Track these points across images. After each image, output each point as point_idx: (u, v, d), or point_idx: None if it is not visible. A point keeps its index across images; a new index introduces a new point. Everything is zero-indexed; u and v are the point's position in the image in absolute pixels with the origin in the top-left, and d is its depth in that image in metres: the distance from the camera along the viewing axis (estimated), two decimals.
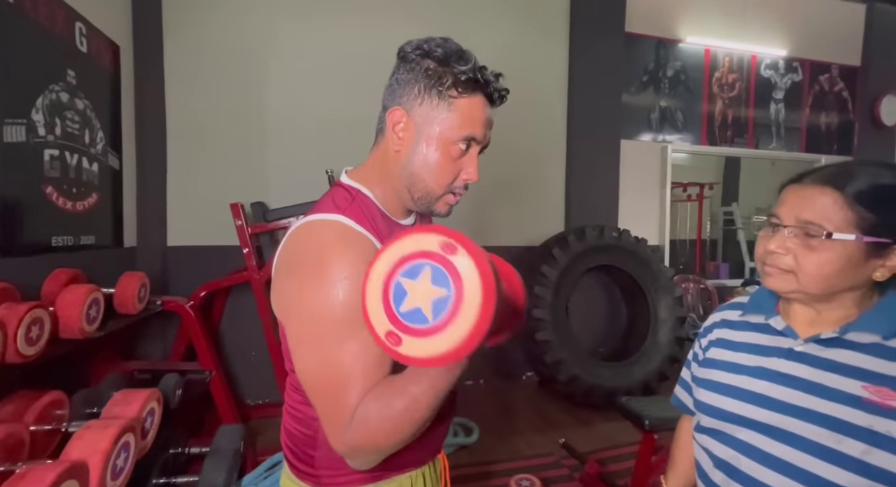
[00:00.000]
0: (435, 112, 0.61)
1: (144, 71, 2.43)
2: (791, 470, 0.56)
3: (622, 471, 1.91)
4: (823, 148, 3.90)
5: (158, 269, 2.45)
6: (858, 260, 0.56)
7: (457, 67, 0.60)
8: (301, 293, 0.56)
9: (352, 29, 2.75)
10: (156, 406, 1.21)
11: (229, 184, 2.59)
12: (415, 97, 0.61)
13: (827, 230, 0.55)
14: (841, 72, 3.89)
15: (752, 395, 0.63)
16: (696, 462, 0.72)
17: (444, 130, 0.61)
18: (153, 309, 1.75)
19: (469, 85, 0.60)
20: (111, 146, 2.17)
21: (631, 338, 3.04)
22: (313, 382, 0.56)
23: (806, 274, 0.57)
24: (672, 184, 3.47)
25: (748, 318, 0.71)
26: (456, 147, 0.61)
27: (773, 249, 0.59)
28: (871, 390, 0.53)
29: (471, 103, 0.61)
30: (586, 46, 3.14)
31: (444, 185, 0.64)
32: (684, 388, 0.81)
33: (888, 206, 0.55)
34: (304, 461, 0.67)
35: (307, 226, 0.60)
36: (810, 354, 0.60)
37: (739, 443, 0.63)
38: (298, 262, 0.58)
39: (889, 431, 0.51)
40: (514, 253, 3.12)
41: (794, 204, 0.59)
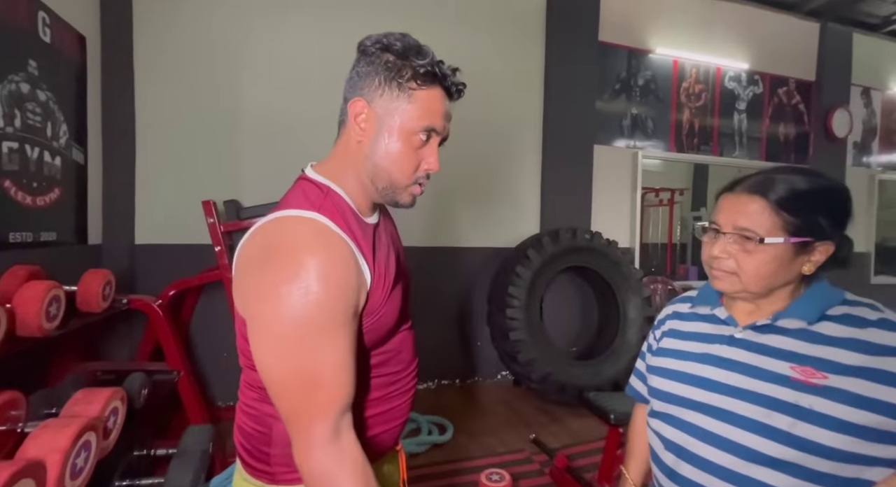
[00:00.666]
0: (395, 103, 0.62)
1: (112, 63, 2.36)
2: (730, 446, 0.62)
3: (590, 465, 1.97)
4: (782, 157, 4.13)
5: (125, 268, 2.37)
6: (789, 259, 0.62)
7: (415, 61, 0.61)
8: (270, 291, 0.55)
9: (328, 27, 2.75)
10: (119, 406, 1.18)
11: (201, 181, 2.54)
12: (375, 89, 0.62)
13: (759, 236, 0.61)
14: (797, 85, 4.13)
15: (698, 379, 0.68)
16: (649, 446, 0.77)
17: (405, 121, 0.62)
18: (119, 307, 1.70)
19: (428, 77, 0.62)
20: (76, 140, 2.10)
21: (602, 337, 3.13)
22: (282, 382, 0.56)
23: (747, 274, 0.63)
24: (644, 189, 3.60)
25: (696, 310, 0.77)
26: (416, 137, 0.63)
27: (717, 254, 0.65)
28: (798, 369, 0.59)
29: (430, 95, 0.62)
30: (562, 54, 3.24)
31: (407, 175, 0.64)
32: (639, 378, 0.86)
33: (806, 210, 0.61)
34: (258, 459, 0.66)
35: (281, 221, 0.58)
36: (748, 340, 0.66)
37: (687, 425, 0.68)
38: (272, 259, 0.56)
39: (812, 405, 0.56)
40: (491, 253, 3.17)
41: (730, 212, 0.65)
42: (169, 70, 2.49)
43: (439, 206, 3.09)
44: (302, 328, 0.54)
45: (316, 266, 0.54)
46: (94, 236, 2.28)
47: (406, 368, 0.74)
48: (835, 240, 0.62)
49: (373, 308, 0.63)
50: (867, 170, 4.52)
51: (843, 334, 0.59)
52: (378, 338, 0.67)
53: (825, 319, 0.61)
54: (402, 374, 0.73)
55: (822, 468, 0.55)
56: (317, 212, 0.58)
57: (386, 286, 0.64)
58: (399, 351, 0.72)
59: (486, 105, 3.13)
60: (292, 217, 0.58)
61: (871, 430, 0.53)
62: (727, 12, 3.81)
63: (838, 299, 0.63)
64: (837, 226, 0.62)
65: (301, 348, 0.55)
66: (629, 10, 3.49)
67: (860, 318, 0.60)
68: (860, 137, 4.45)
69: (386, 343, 0.69)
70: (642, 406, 0.87)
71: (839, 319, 0.61)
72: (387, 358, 0.70)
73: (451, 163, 3.46)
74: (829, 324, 0.61)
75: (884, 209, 4.72)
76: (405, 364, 0.74)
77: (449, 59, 0.66)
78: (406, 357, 0.74)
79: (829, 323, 0.61)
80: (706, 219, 0.71)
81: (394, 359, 0.71)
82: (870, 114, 4.49)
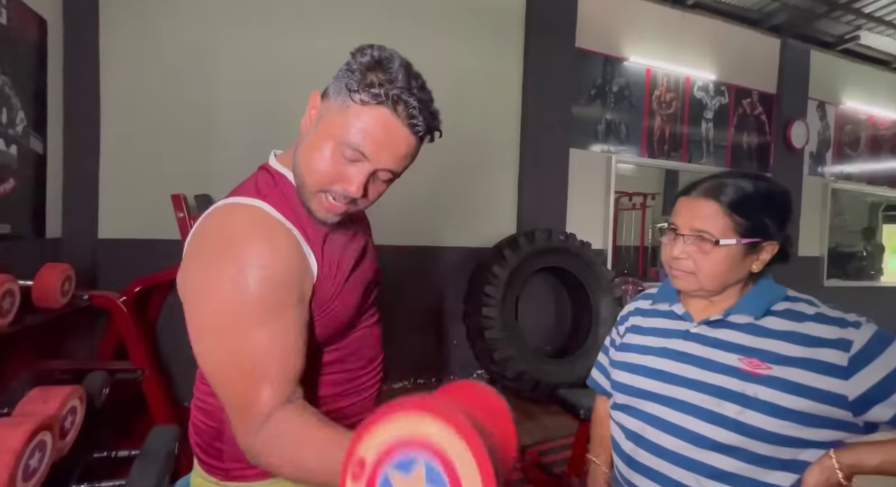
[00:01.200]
0: (335, 106, 0.58)
1: (76, 49, 2.26)
2: (683, 433, 0.65)
3: (562, 460, 2.02)
4: (745, 164, 4.34)
5: (87, 263, 2.27)
6: (740, 258, 0.66)
7: (375, 75, 0.55)
8: (205, 278, 0.54)
9: (303, 22, 2.71)
10: (78, 405, 1.14)
11: (172, 175, 2.45)
12: (333, 87, 0.60)
13: (715, 238, 0.65)
14: (760, 97, 4.35)
15: (656, 372, 0.72)
16: (611, 436, 0.80)
17: (334, 127, 0.57)
18: (79, 303, 1.63)
19: (377, 97, 0.55)
20: (34, 128, 2.00)
21: (575, 336, 3.21)
22: (218, 371, 0.55)
23: (704, 274, 0.67)
24: (618, 193, 3.70)
25: (657, 307, 0.81)
26: (338, 151, 0.56)
27: (676, 255, 0.69)
28: (745, 361, 0.64)
29: (373, 115, 0.55)
30: (540, 59, 3.30)
31: (316, 182, 0.58)
32: (601, 371, 0.89)
33: (754, 212, 0.66)
34: (211, 455, 0.65)
35: (222, 209, 0.58)
36: (702, 334, 0.70)
37: (645, 415, 0.71)
38: (207, 246, 0.56)
39: (756, 394, 0.61)
40: (468, 253, 3.20)
41: (687, 215, 0.69)
42: (138, 58, 2.40)
43: (418, 205, 3.09)
44: (234, 316, 0.53)
45: (250, 253, 0.53)
46: (53, 229, 2.17)
47: (367, 365, 0.73)
48: (779, 239, 0.67)
49: (322, 300, 0.61)
50: (821, 179, 4.81)
51: (785, 327, 0.64)
52: (332, 333, 0.65)
53: (770, 314, 0.66)
54: (363, 371, 0.72)
55: (763, 451, 0.59)
56: (260, 200, 0.58)
57: (338, 278, 0.63)
58: (358, 347, 0.71)
59: (466, 107, 3.16)
60: (233, 205, 0.58)
61: (807, 415, 0.58)
62: (697, 25, 3.97)
63: (781, 295, 0.68)
64: (781, 226, 0.67)
65: (235, 336, 0.53)
66: (605, 19, 3.59)
67: (799, 313, 0.65)
68: (816, 148, 4.73)
69: (342, 339, 0.68)
70: (603, 399, 0.91)
71: (781, 314, 0.65)
72: (344, 355, 0.69)
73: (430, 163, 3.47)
74: (773, 319, 0.66)
75: (836, 216, 5.03)
76: (366, 361, 0.73)
77: (429, 63, 0.65)
78: (367, 353, 0.73)
79: (773, 317, 0.66)
80: (659, 234, 0.75)
81: (353, 356, 0.70)
82: (824, 126, 4.78)
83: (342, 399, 0.70)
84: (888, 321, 5.03)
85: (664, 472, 0.66)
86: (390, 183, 0.63)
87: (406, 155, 0.60)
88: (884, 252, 5.59)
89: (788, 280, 0.67)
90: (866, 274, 5.41)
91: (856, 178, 5.05)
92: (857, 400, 0.57)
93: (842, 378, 0.57)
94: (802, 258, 4.60)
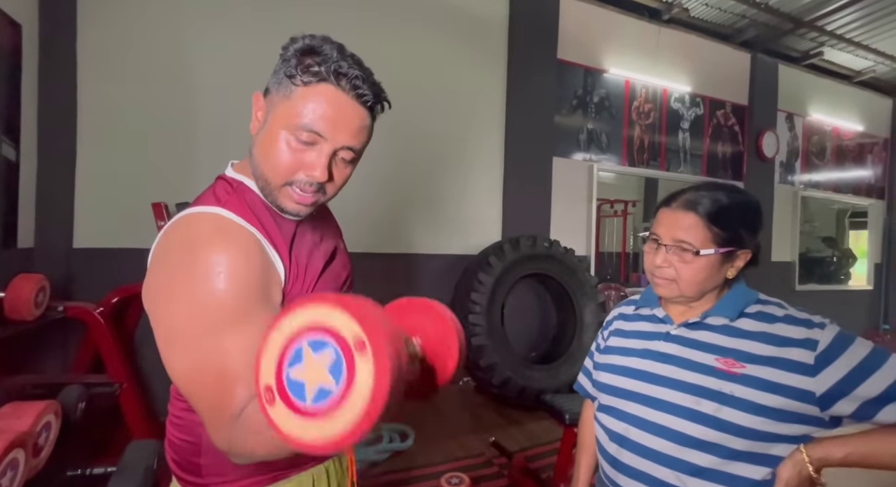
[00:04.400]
0: (279, 97, 0.57)
1: (52, 55, 2.21)
2: (665, 432, 0.68)
3: (548, 466, 2.03)
4: (720, 173, 4.50)
5: (61, 273, 2.19)
6: (718, 266, 0.70)
7: (310, 58, 0.56)
8: (170, 287, 0.54)
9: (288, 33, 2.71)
10: (53, 420, 1.10)
11: (151, 182, 2.40)
12: (272, 82, 0.59)
13: (696, 248, 0.69)
14: (733, 109, 4.53)
15: (638, 373, 0.75)
16: (596, 438, 0.82)
17: (283, 116, 0.56)
18: (53, 315, 1.57)
19: (317, 74, 0.55)
20: (7, 134, 1.94)
21: (559, 342, 3.25)
22: (189, 378, 0.54)
23: (684, 281, 0.71)
24: (600, 200, 3.78)
25: (640, 311, 0.84)
26: (293, 137, 0.56)
27: (659, 264, 0.73)
28: (721, 361, 0.67)
29: (318, 93, 0.55)
30: (523, 70, 3.38)
31: (279, 174, 0.58)
32: (586, 375, 0.92)
33: (730, 223, 0.70)
34: (190, 471, 0.64)
35: (183, 219, 0.57)
36: (681, 336, 0.73)
37: (629, 416, 0.74)
38: (170, 257, 0.55)
39: (732, 392, 0.64)
40: (453, 260, 3.22)
41: (668, 225, 0.72)
42: (117, 64, 2.35)
43: (404, 214, 3.10)
44: (201, 322, 0.52)
45: (213, 260, 0.53)
46: (24, 239, 2.09)
47: None
48: (752, 247, 0.71)
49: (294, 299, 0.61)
50: (791, 187, 5.02)
51: (757, 328, 0.67)
52: None
53: (743, 316, 0.70)
54: None
55: (739, 446, 0.62)
56: (220, 207, 0.57)
57: (307, 282, 0.62)
58: None
59: (451, 117, 3.20)
60: (193, 214, 0.57)
61: (779, 411, 0.61)
62: (673, 39, 4.13)
63: (753, 298, 0.71)
64: (754, 235, 0.72)
65: (203, 342, 0.53)
66: (585, 32, 3.71)
67: (770, 315, 0.68)
68: (785, 158, 4.95)
69: None
70: (589, 403, 0.93)
71: (754, 316, 0.69)
72: None
73: (416, 171, 3.50)
74: (746, 320, 0.69)
75: (805, 223, 5.25)
76: None
77: (414, 72, 0.68)
78: None
79: (746, 319, 0.69)
80: (640, 242, 0.79)
81: None
82: (793, 137, 5.00)
83: None
84: (855, 322, 5.24)
85: (647, 471, 0.69)
86: (354, 164, 0.62)
87: (360, 128, 0.59)
88: (851, 256, 5.84)
89: (763, 285, 0.71)
90: (836, 278, 5.64)
91: (823, 187, 5.29)
92: (823, 396, 0.60)
93: (809, 375, 0.61)
94: (775, 263, 4.78)
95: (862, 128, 5.48)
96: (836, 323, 0.65)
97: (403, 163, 2.97)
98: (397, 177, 2.94)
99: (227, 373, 0.52)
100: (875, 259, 5.76)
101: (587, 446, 0.93)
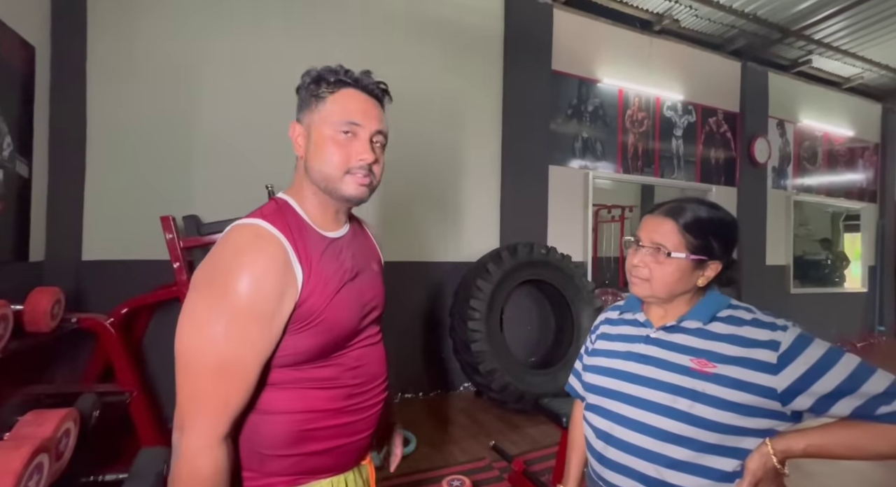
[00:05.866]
0: (315, 113, 0.72)
1: (63, 75, 2.29)
2: (645, 429, 0.74)
3: (547, 469, 2.08)
4: (713, 179, 4.59)
5: (71, 285, 2.26)
6: (688, 272, 0.77)
7: (327, 77, 0.72)
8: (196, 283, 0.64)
9: (291, 49, 2.80)
10: (72, 427, 1.16)
11: (159, 196, 2.47)
12: (302, 110, 0.74)
13: (668, 250, 0.75)
14: (725, 116, 4.63)
15: (621, 373, 0.81)
16: (584, 436, 0.88)
17: (325, 123, 0.71)
18: (68, 327, 1.63)
19: (337, 84, 0.72)
20: (20, 152, 2.01)
21: (557, 347, 3.30)
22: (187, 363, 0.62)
23: (656, 281, 0.77)
24: (596, 205, 3.85)
25: (623, 316, 0.90)
26: (339, 134, 0.70)
27: (636, 263, 0.80)
28: (695, 361, 0.73)
29: (343, 96, 0.71)
30: (518, 80, 3.47)
31: (337, 166, 0.70)
32: (576, 376, 0.98)
33: (704, 234, 0.77)
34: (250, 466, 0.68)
35: (232, 227, 0.68)
36: (660, 339, 0.80)
37: (613, 415, 0.80)
38: (208, 258, 0.65)
39: (705, 390, 0.70)
40: (453, 267, 3.28)
41: (648, 230, 0.80)
42: (125, 82, 2.44)
43: (404, 222, 3.17)
44: (212, 316, 0.61)
45: (239, 263, 0.62)
46: (36, 253, 2.16)
47: (369, 382, 0.76)
48: (723, 261, 0.78)
49: (312, 309, 0.66)
50: (784, 192, 5.10)
51: (727, 331, 0.74)
52: (326, 346, 0.69)
53: (715, 320, 0.76)
54: (365, 388, 0.75)
55: (711, 440, 0.68)
56: (261, 220, 0.67)
57: (327, 291, 0.68)
58: (359, 365, 0.74)
59: (449, 126, 3.29)
60: (237, 224, 0.68)
61: (746, 407, 0.68)
62: (664, 49, 4.24)
63: (725, 303, 0.78)
64: (725, 250, 0.78)
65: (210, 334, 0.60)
66: (579, 43, 3.81)
67: (739, 319, 0.75)
68: (777, 163, 5.03)
69: (339, 354, 0.72)
70: (580, 404, 0.99)
71: (725, 320, 0.76)
72: (341, 372, 0.72)
73: (415, 181, 3.57)
74: (718, 324, 0.76)
75: (800, 226, 5.32)
76: (368, 378, 0.76)
77: (412, 83, 0.78)
78: (369, 371, 0.76)
79: (718, 322, 0.76)
80: (626, 244, 0.86)
81: (350, 373, 0.73)
82: (784, 143, 5.09)
83: (341, 416, 0.72)
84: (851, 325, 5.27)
85: (630, 466, 0.75)
86: (384, 150, 0.77)
87: (380, 115, 0.75)
88: (845, 259, 5.90)
89: (758, 288, 0.77)
90: (830, 280, 5.70)
91: (815, 191, 5.38)
92: (784, 392, 0.67)
93: (772, 373, 0.67)
94: (770, 267, 4.84)
95: (852, 133, 5.58)
96: (799, 325, 0.71)
97: (402, 174, 3.05)
98: (396, 187, 3.02)
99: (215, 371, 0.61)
100: (869, 261, 5.83)
101: (577, 444, 0.98)
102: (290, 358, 0.67)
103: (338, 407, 0.71)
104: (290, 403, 0.68)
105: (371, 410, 0.77)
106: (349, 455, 0.75)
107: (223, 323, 0.60)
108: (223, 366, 0.61)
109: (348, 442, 0.73)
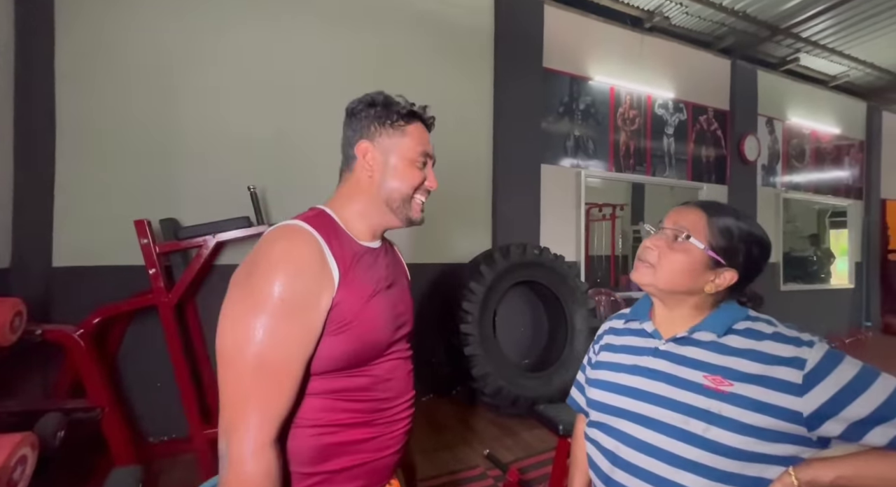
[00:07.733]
0: (393, 140, 0.78)
1: (29, 68, 2.16)
2: (656, 452, 0.67)
3: (542, 477, 2.02)
4: (704, 177, 4.58)
5: (40, 294, 2.13)
6: (699, 268, 0.71)
7: (396, 106, 0.79)
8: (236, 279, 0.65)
9: (273, 48, 2.70)
10: (29, 453, 1.06)
11: (135, 199, 2.35)
12: (373, 133, 0.78)
13: (688, 232, 0.71)
14: (715, 114, 4.63)
15: (628, 389, 0.74)
16: (588, 455, 0.81)
17: (406, 151, 0.78)
18: (31, 340, 1.52)
19: (409, 116, 0.80)
20: None
21: (551, 349, 3.25)
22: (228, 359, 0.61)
23: (662, 267, 0.72)
24: (588, 204, 3.81)
25: (629, 325, 0.84)
26: (416, 163, 0.79)
27: (647, 245, 0.74)
28: (709, 378, 0.66)
29: (416, 129, 0.80)
30: (509, 79, 3.40)
31: (412, 187, 0.79)
32: (579, 389, 0.91)
33: (730, 238, 0.71)
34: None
35: (275, 227, 0.70)
36: (670, 351, 0.73)
37: (619, 433, 0.73)
38: (251, 255, 0.67)
39: (720, 411, 0.63)
40: (444, 269, 3.21)
41: (676, 215, 0.75)
42: (97, 78, 2.31)
43: None
44: (251, 311, 0.61)
45: (277, 259, 0.64)
46: (1, 259, 2.03)
47: (397, 397, 0.76)
48: (739, 271, 0.71)
49: (347, 311, 0.67)
50: (773, 189, 5.13)
51: (745, 345, 0.67)
52: (362, 352, 0.70)
53: (732, 332, 0.69)
54: (393, 402, 0.75)
55: (730, 468, 0.61)
56: (301, 221, 0.70)
57: (362, 295, 0.70)
58: (389, 377, 0.74)
59: (439, 125, 3.19)
60: (280, 224, 0.71)
61: (766, 431, 0.61)
62: (655, 47, 4.21)
63: (742, 315, 0.71)
64: (747, 264, 0.71)
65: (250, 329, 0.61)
66: (570, 41, 3.76)
67: (759, 332, 0.68)
68: (767, 161, 5.06)
69: (372, 364, 0.72)
70: (583, 418, 0.93)
71: (742, 332, 0.69)
72: (373, 382, 0.72)
73: None
74: (735, 337, 0.69)
75: (788, 223, 5.36)
76: (396, 392, 0.76)
77: (403, 83, 0.73)
78: (397, 385, 0.76)
79: (734, 335, 0.69)
80: (644, 234, 0.80)
81: (382, 385, 0.73)
82: (773, 140, 5.12)
83: (370, 428, 0.72)
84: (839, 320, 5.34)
85: None
86: None
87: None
88: (831, 256, 5.97)
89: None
90: (817, 277, 5.76)
91: (804, 188, 5.42)
92: (811, 416, 0.60)
93: (797, 395, 0.60)
94: None
95: (839, 130, 5.64)
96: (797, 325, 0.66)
97: None
98: None
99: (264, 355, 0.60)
100: (855, 257, 5.91)
101: (580, 463, 0.92)
102: (323, 362, 0.67)
103: (367, 420, 0.71)
104: (317, 414, 0.68)
105: (398, 425, 0.76)
106: (375, 474, 0.73)
107: (262, 318, 0.61)
108: (263, 362, 0.60)
109: (374, 459, 0.73)
